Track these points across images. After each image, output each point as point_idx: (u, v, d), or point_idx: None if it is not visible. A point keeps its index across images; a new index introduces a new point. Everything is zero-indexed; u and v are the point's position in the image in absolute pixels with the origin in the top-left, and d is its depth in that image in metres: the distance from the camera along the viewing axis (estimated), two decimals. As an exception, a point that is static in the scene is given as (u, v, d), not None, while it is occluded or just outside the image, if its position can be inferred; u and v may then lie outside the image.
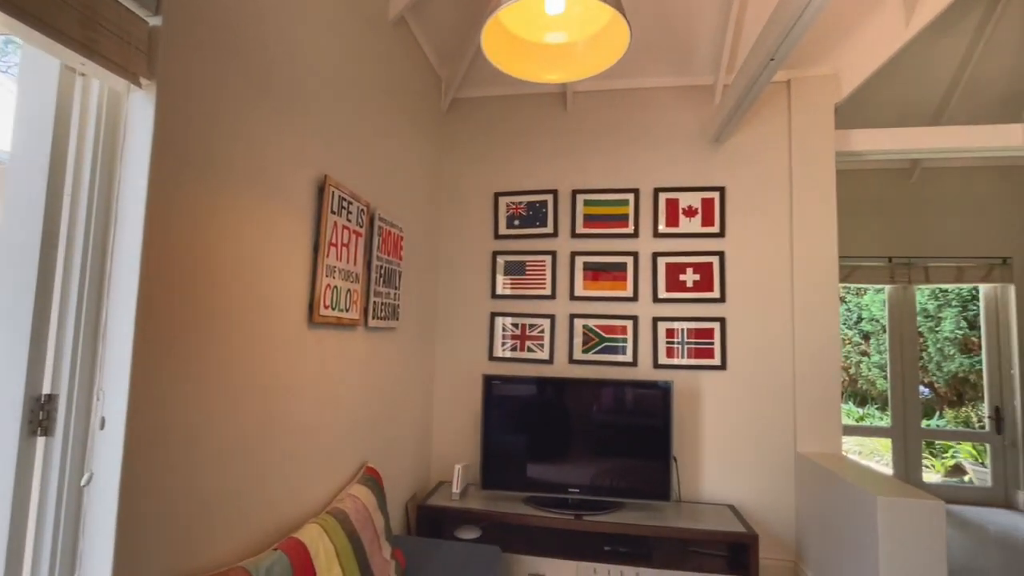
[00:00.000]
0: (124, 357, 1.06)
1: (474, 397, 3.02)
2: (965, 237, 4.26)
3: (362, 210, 2.02)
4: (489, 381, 2.70)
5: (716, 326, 2.81)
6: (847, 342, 7.59)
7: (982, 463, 4.49)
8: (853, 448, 6.39)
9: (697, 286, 2.85)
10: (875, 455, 6.24)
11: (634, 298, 2.90)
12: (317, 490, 1.76)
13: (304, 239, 1.66)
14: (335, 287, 1.81)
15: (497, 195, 3.09)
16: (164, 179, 1.13)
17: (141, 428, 1.07)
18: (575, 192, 3.01)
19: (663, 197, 2.92)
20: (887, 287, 4.44)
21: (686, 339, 2.83)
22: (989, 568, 2.99)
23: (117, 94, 1.13)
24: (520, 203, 3.06)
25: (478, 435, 2.98)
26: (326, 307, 1.75)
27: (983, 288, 4.36)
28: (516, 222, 3.05)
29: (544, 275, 2.98)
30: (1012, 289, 4.16)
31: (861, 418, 6.97)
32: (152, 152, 1.10)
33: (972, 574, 2.90)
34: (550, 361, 2.94)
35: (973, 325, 5.86)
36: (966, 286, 4.42)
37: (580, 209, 2.99)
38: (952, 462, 5.20)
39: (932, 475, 5.20)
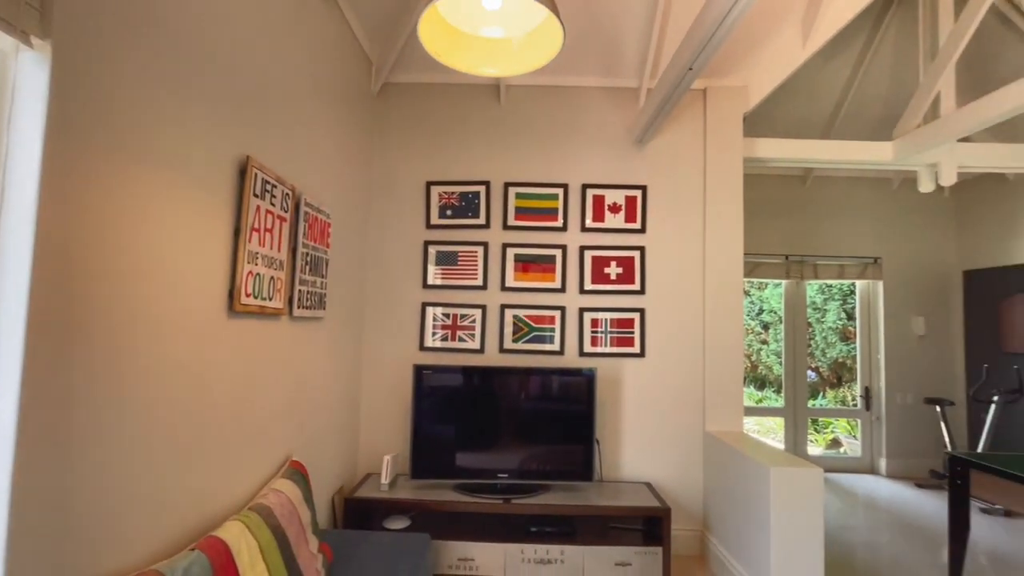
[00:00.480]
0: (14, 350, 0.95)
1: (404, 387, 2.99)
2: (846, 239, 4.84)
3: (287, 194, 1.93)
4: (420, 371, 2.70)
5: (636, 316, 2.99)
6: (749, 332, 8.34)
7: (854, 436, 5.15)
8: (753, 427, 7.06)
9: (620, 279, 3.01)
10: (771, 433, 6.93)
11: (562, 289, 3.01)
12: (239, 486, 1.68)
13: (224, 223, 1.56)
14: (258, 274, 1.73)
15: (429, 184, 3.06)
16: (61, 152, 1.02)
17: (35, 428, 0.97)
18: (507, 184, 3.06)
19: (590, 193, 3.05)
20: (784, 282, 4.94)
21: (609, 328, 2.99)
22: (857, 526, 3.46)
23: (3, 53, 1.00)
24: (453, 193, 3.06)
25: (408, 425, 2.97)
26: (248, 295, 1.67)
27: (859, 284, 4.99)
28: (448, 212, 3.05)
29: (476, 266, 3.01)
30: (881, 285, 4.80)
31: (760, 400, 7.70)
32: (47, 121, 0.99)
33: (844, 531, 3.34)
34: (481, 350, 2.98)
35: (851, 316, 6.67)
36: (846, 282, 5.04)
37: (512, 201, 3.05)
38: (831, 436, 5.92)
39: (815, 448, 5.88)
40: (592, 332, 3.00)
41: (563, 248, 3.03)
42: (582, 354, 2.99)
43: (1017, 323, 4.10)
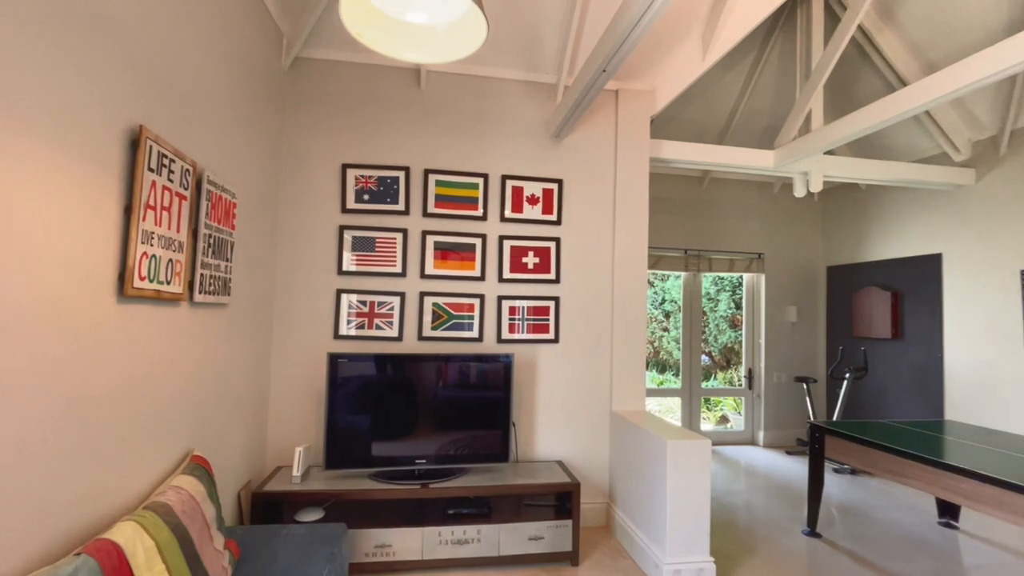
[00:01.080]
0: None
1: (317, 377, 2.89)
2: (736, 235, 5.38)
3: (187, 170, 1.79)
4: (335, 359, 2.63)
5: (552, 304, 3.14)
6: (653, 320, 9.00)
7: (739, 412, 5.78)
8: (655, 407, 7.65)
9: (537, 268, 3.13)
10: (670, 412, 7.56)
11: (481, 278, 3.07)
12: (134, 484, 1.56)
13: (112, 199, 1.42)
14: (154, 256, 1.59)
15: (345, 167, 2.96)
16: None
17: None
18: (428, 171, 3.04)
19: (510, 184, 3.12)
20: (682, 274, 5.39)
21: (526, 316, 3.10)
22: (739, 490, 3.92)
23: None
24: (371, 177, 2.98)
25: (322, 415, 2.88)
26: (142, 279, 1.53)
27: (746, 276, 5.58)
28: (366, 197, 2.98)
29: (394, 252, 2.98)
30: (763, 278, 5.41)
31: (661, 382, 8.35)
32: None
33: (728, 495, 3.77)
34: (399, 338, 2.96)
35: (739, 306, 7.45)
36: (735, 275, 5.61)
37: (432, 189, 3.04)
38: (720, 413, 6.59)
39: (707, 424, 6.53)
40: (510, 319, 3.09)
41: (483, 237, 3.08)
42: (500, 341, 3.07)
43: (865, 311, 4.83)
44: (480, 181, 3.10)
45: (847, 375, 4.66)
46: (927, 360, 4.26)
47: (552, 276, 3.14)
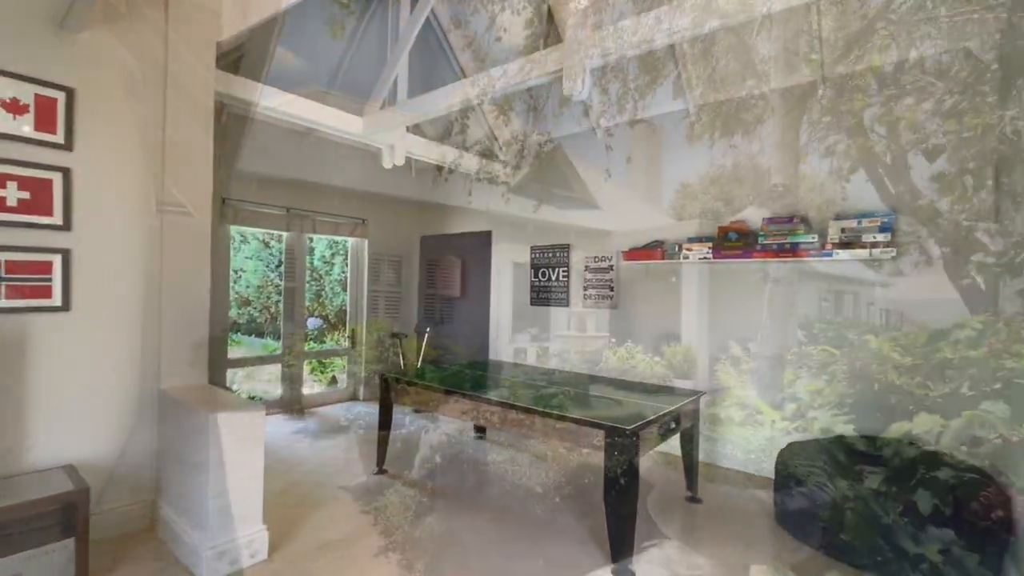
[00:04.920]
0: None
1: None
2: (343, 199, 5.43)
3: None
4: None
5: (57, 259, 2.30)
6: (269, 284, 8.33)
7: (345, 372, 6.01)
8: (266, 376, 7.12)
9: (26, 207, 2.22)
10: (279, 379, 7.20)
11: (-100, 214, 1.95)
12: None
13: None
14: None
15: None
16: None
17: None
18: None
19: (-35, 75, 2.07)
20: (285, 234, 5.08)
21: (5, 274, 2.17)
22: (331, 445, 4.03)
23: None
24: None
25: None
26: None
27: (351, 240, 5.74)
28: None
29: None
30: (366, 243, 5.70)
31: (274, 350, 7.86)
32: None
33: (319, 453, 3.81)
34: None
35: (354, 270, 7.73)
36: (342, 238, 5.70)
37: None
38: (331, 374, 6.72)
39: (319, 386, 6.54)
40: (-26, 280, 2.10)
41: (-98, 149, 1.94)
42: (-51, 312, 2.05)
43: (444, 275, 5.76)
44: None
45: (427, 329, 5.47)
46: (480, 312, 5.44)
47: (57, 220, 2.30)
